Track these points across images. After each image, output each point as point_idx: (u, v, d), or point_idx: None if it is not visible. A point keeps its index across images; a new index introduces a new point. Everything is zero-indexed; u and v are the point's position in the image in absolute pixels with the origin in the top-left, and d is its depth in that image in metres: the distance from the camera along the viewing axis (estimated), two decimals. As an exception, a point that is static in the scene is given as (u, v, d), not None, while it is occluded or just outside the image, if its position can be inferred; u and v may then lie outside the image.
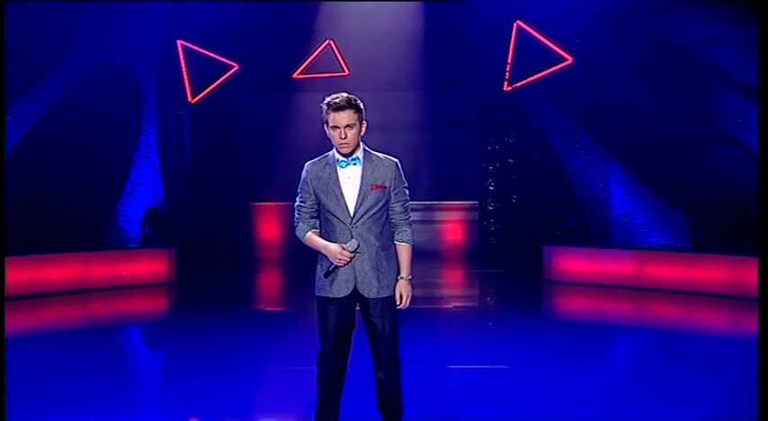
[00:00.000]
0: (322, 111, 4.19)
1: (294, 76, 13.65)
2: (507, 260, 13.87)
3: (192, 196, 13.73)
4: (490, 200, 14.60)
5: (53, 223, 11.63)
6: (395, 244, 4.24)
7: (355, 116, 4.09)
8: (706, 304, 10.01)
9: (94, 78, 12.29)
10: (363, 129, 4.20)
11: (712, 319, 9.46)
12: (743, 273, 9.96)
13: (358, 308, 4.20)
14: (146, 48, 12.71)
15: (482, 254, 14.55)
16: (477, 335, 9.25)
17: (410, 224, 4.29)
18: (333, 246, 4.05)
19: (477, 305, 11.38)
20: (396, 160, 4.25)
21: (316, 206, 4.24)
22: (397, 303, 4.13)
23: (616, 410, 5.54)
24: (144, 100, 12.83)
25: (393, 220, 4.22)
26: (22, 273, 10.21)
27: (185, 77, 12.79)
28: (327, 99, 4.17)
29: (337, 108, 4.08)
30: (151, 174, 12.75)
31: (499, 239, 14.57)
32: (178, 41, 12.63)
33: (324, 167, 4.20)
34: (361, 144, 4.17)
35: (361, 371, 4.56)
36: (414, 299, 4.99)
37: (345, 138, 4.03)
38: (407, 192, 4.26)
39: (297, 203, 4.24)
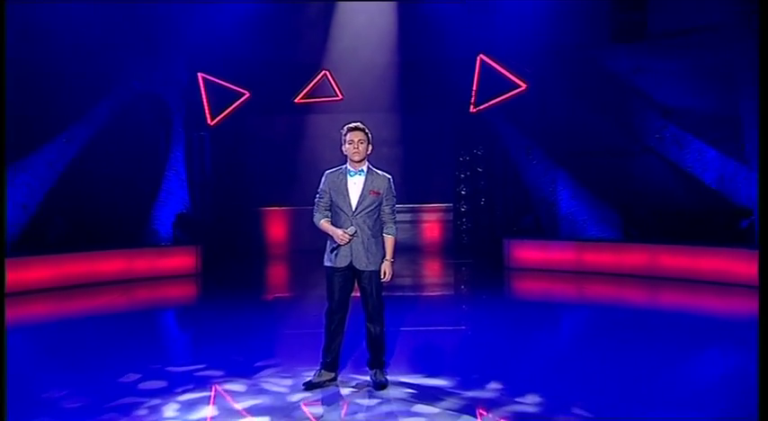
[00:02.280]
0: (342, 133, 5.04)
1: (296, 100, 13.85)
2: (475, 252, 13.93)
3: (212, 202, 13.86)
4: (462, 202, 14.69)
5: (101, 226, 11.86)
6: (383, 235, 5.09)
7: (365, 136, 4.98)
8: (631, 283, 10.41)
9: (133, 106, 12.51)
10: (370, 148, 5.04)
11: (635, 296, 9.86)
12: (660, 258, 10.67)
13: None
14: (174, 80, 12.86)
15: (455, 247, 14.62)
16: (448, 307, 9.65)
17: (395, 222, 5.15)
18: (337, 230, 4.90)
19: (449, 286, 11.59)
20: (389, 176, 5.11)
21: (329, 202, 5.03)
22: (382, 277, 5.00)
23: (549, 362, 6.12)
24: (173, 123, 13.01)
25: (383, 218, 5.07)
26: (79, 266, 10.66)
27: (205, 104, 12.96)
28: (347, 125, 5.07)
29: (353, 129, 4.99)
30: (179, 184, 12.92)
31: (469, 235, 14.59)
32: (199, 74, 12.81)
33: (338, 175, 5.05)
34: (366, 161, 5.02)
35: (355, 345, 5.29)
36: (402, 283, 5.83)
37: (357, 149, 4.93)
38: (395, 200, 5.09)
39: (316, 199, 5.07)
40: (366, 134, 5.04)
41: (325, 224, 5.01)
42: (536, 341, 7.14)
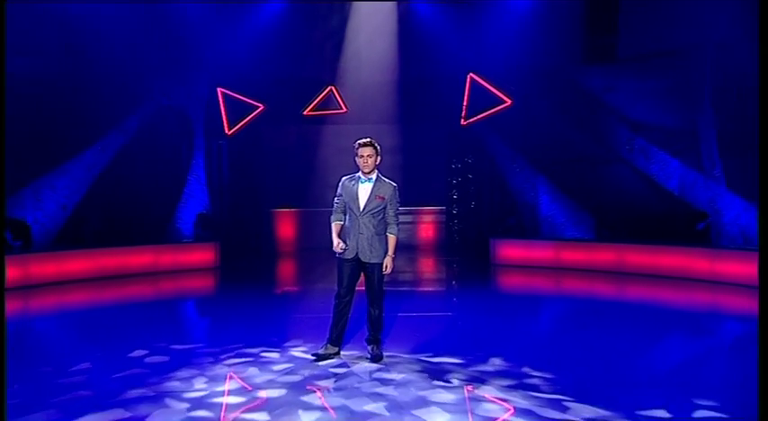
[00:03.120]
0: (354, 147, 5.30)
1: (305, 113, 13.86)
2: (466, 250, 13.93)
3: (229, 204, 13.89)
4: (454, 205, 14.61)
5: (131, 224, 11.95)
6: (386, 234, 5.44)
7: (373, 151, 5.28)
8: (602, 278, 10.48)
9: (160, 118, 12.66)
10: (378, 159, 5.32)
11: (605, 289, 9.94)
12: (626, 256, 10.78)
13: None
14: (196, 94, 12.96)
15: (448, 245, 14.58)
16: (439, 297, 9.86)
17: (398, 223, 5.50)
18: (335, 240, 5.35)
19: (441, 280, 11.51)
20: (395, 185, 5.42)
21: (344, 204, 5.39)
22: (384, 269, 5.38)
23: (528, 345, 6.30)
24: (194, 133, 13.08)
25: (387, 220, 5.42)
26: (112, 260, 10.83)
27: (224, 115, 13.01)
28: (359, 140, 5.32)
29: (363, 145, 5.28)
30: (199, 188, 13.01)
31: (460, 235, 14.50)
32: (218, 89, 12.91)
33: (351, 181, 5.40)
34: (375, 171, 5.36)
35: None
36: (402, 277, 6.06)
37: (367, 163, 5.27)
38: (398, 205, 5.43)
39: (334, 201, 5.44)
40: (375, 149, 5.31)
41: (334, 227, 5.42)
42: (513, 324, 7.37)
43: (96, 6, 11.05)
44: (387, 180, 5.46)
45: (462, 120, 13.03)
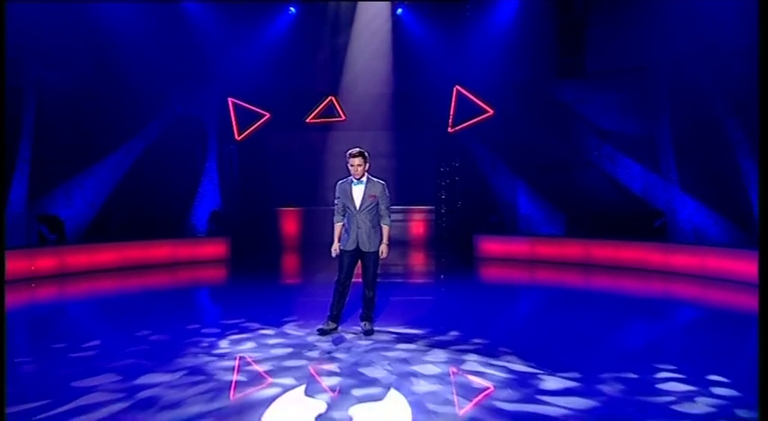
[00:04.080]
0: (346, 157, 5.57)
1: (307, 120, 14.05)
2: (453, 245, 14.08)
3: (239, 202, 13.98)
4: (442, 205, 14.81)
5: (152, 220, 12.07)
6: (380, 225, 5.79)
7: (362, 160, 5.62)
8: (571, 270, 10.74)
9: (177, 125, 12.78)
10: (368, 166, 5.63)
11: (574, 279, 10.10)
12: (592, 250, 11.04)
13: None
14: (209, 104, 13.13)
15: (437, 241, 14.77)
16: (426, 285, 10.00)
17: (390, 216, 5.82)
18: (335, 244, 5.66)
19: (430, 271, 11.56)
20: (384, 182, 5.74)
21: (342, 205, 5.68)
22: (381, 255, 5.71)
23: (503, 327, 6.61)
24: (208, 138, 13.19)
25: (380, 213, 5.76)
26: (134, 252, 10.95)
27: (234, 122, 13.17)
28: (350, 151, 5.57)
29: (354, 156, 5.59)
30: (212, 188, 13.16)
31: (448, 232, 14.65)
32: (229, 99, 13.09)
33: (346, 184, 5.70)
34: (365, 174, 5.68)
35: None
36: (395, 270, 6.30)
37: (357, 170, 5.61)
38: (389, 200, 5.75)
39: (335, 202, 5.74)
40: (364, 157, 5.61)
41: (337, 228, 5.76)
42: (492, 307, 7.69)
43: (123, 25, 11.31)
44: (375, 179, 5.76)
45: (449, 127, 13.19)
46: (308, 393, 4.27)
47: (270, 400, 4.11)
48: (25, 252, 9.71)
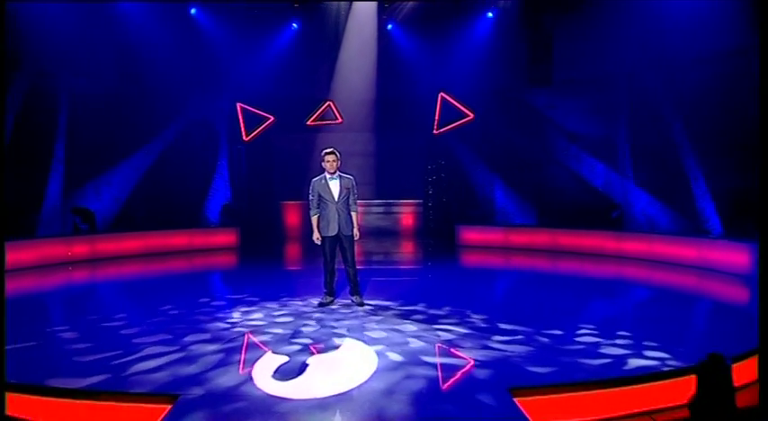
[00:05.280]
0: (321, 154, 6.01)
1: (308, 123, 14.06)
2: (438, 235, 14.23)
3: (247, 197, 14.16)
4: (429, 199, 14.88)
5: (170, 212, 12.33)
6: (352, 213, 6.18)
7: (335, 158, 5.98)
8: (540, 256, 11.04)
9: (191, 128, 13.21)
10: (339, 163, 6.01)
11: (542, 263, 10.34)
12: (559, 238, 11.52)
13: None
14: (219, 109, 13.50)
15: (424, 232, 14.94)
16: (413, 268, 10.31)
17: (357, 204, 6.13)
18: (315, 232, 6.05)
19: (418, 255, 11.86)
20: (352, 177, 6.12)
21: (317, 200, 6.08)
22: (355, 237, 6.21)
23: (475, 299, 6.93)
24: (219, 139, 13.59)
25: (350, 203, 6.21)
26: (156, 240, 11.41)
27: (242, 125, 13.35)
28: (325, 150, 5.97)
29: (328, 153, 6.04)
30: (223, 184, 13.55)
31: (434, 223, 14.72)
32: (238, 104, 13.28)
33: (321, 180, 6.10)
34: (338, 170, 6.00)
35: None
36: (389, 254, 7.38)
37: (332, 166, 5.98)
38: (356, 191, 6.14)
39: (309, 198, 6.18)
40: (336, 155, 6.02)
41: (313, 220, 6.18)
42: (468, 286, 8.16)
43: (144, 39, 11.70)
44: (346, 175, 6.17)
45: (435, 130, 13.40)
46: (292, 342, 5.06)
47: (268, 348, 4.89)
48: (63, 240, 10.34)
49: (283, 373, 4.31)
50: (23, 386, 3.77)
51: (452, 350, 4.88)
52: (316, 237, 6.12)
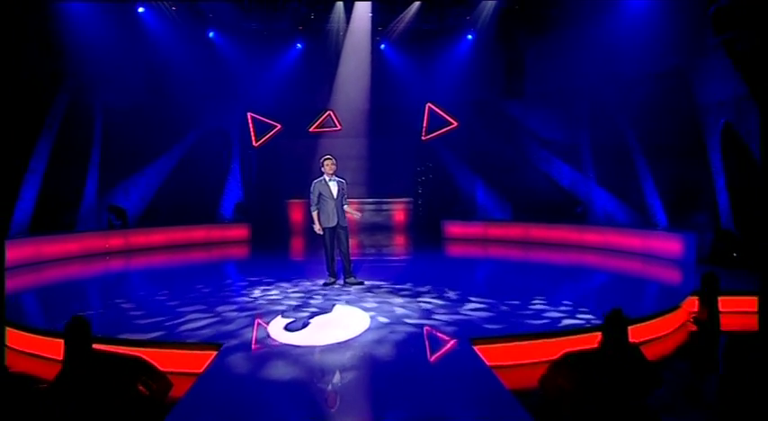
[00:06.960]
0: (321, 160, 6.70)
1: (311, 130, 14.11)
2: (427, 229, 14.26)
3: (257, 196, 14.45)
4: (418, 197, 15.12)
5: (190, 210, 12.64)
6: (345, 208, 6.89)
7: (333, 163, 6.74)
8: (514, 246, 11.57)
9: (208, 135, 13.64)
10: (336, 167, 6.76)
11: (516, 253, 10.90)
12: (531, 231, 12.12)
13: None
14: (233, 118, 13.89)
15: (414, 227, 15.05)
16: (402, 256, 11.14)
17: (347, 201, 6.86)
18: (317, 224, 6.72)
19: (408, 247, 12.48)
20: (344, 180, 6.81)
21: (317, 198, 6.74)
22: (355, 217, 6.97)
23: (454, 280, 7.70)
24: (232, 145, 14.02)
25: (344, 200, 6.97)
26: (178, 235, 11.94)
27: (252, 132, 13.72)
28: (325, 156, 6.68)
29: (327, 159, 6.81)
30: (236, 185, 14.00)
31: (423, 219, 14.86)
32: (249, 114, 13.66)
33: (321, 181, 6.78)
34: (335, 175, 6.74)
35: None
36: (382, 246, 8.44)
37: (331, 170, 6.77)
38: (347, 192, 6.83)
39: (310, 198, 6.88)
40: (333, 161, 6.78)
41: (314, 215, 6.87)
42: (449, 271, 8.90)
43: (168, 58, 12.39)
44: (340, 178, 6.86)
45: (423, 136, 13.78)
46: (302, 310, 6.09)
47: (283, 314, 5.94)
48: (100, 234, 11.24)
49: (292, 329, 5.34)
50: (106, 338, 4.82)
51: (430, 315, 5.89)
52: (317, 227, 6.88)
